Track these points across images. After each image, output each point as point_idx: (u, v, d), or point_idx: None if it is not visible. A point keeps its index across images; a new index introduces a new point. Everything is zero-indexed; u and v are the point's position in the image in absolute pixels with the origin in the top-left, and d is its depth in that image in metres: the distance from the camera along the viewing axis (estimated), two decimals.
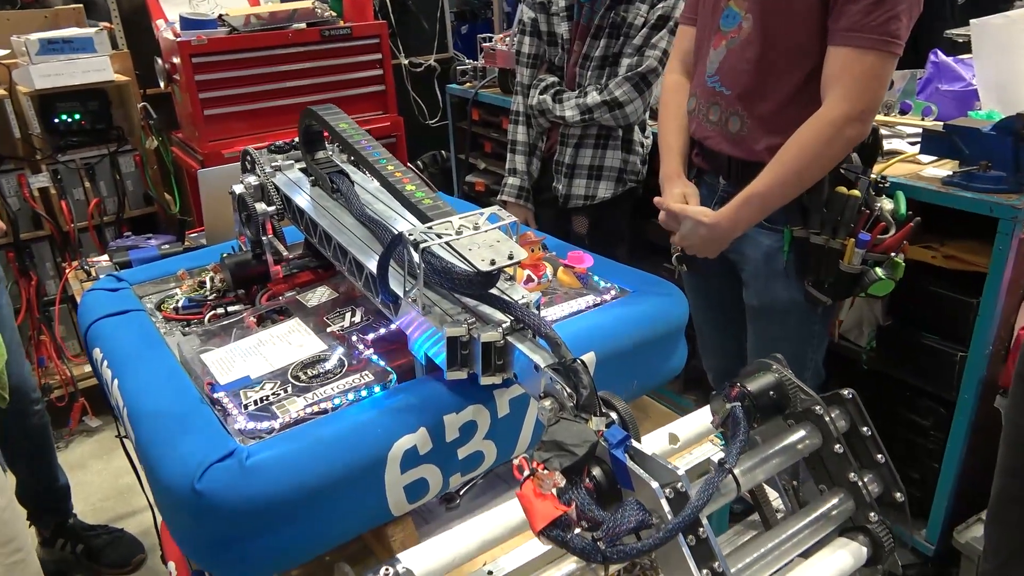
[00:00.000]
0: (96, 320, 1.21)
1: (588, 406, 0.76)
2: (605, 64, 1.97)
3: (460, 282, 0.88)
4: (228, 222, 1.70)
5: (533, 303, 0.93)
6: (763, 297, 1.59)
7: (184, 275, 1.37)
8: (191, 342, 1.13)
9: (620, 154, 2.04)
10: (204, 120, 2.68)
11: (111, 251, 1.83)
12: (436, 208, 0.98)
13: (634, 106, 1.94)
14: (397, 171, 1.06)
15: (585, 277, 1.21)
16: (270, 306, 1.21)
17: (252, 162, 1.33)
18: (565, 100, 2.00)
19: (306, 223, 1.22)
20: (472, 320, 0.89)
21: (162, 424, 0.90)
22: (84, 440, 2.82)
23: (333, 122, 1.18)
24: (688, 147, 1.63)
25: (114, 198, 2.89)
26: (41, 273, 2.81)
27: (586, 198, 2.07)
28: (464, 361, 0.90)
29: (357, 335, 1.06)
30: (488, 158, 3.16)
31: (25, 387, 1.92)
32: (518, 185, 2.19)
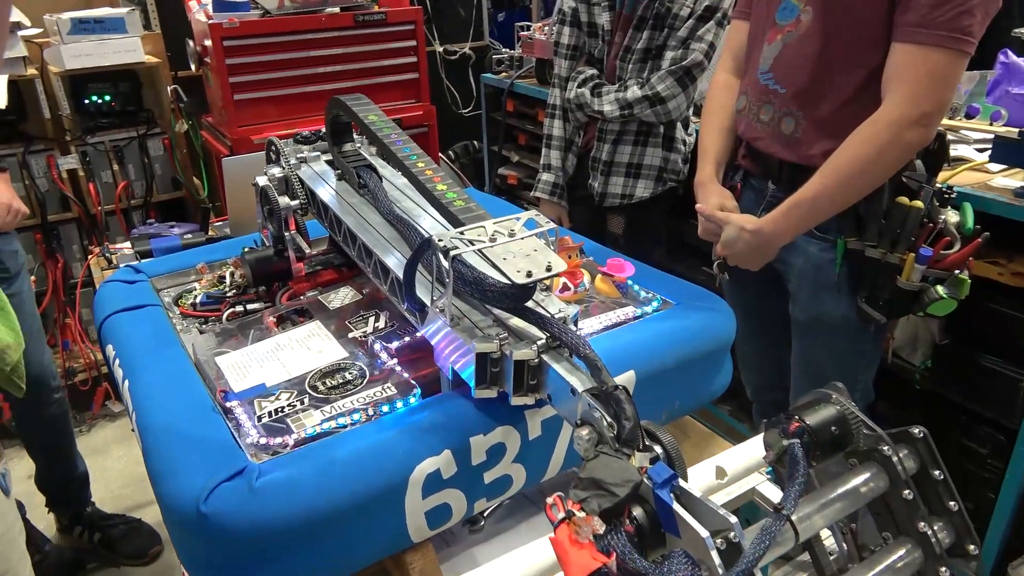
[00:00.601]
0: (111, 315, 1.17)
1: (631, 440, 0.69)
2: (647, 57, 1.88)
3: (492, 294, 0.81)
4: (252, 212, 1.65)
5: (571, 318, 0.86)
6: (810, 311, 1.50)
7: (204, 269, 1.32)
8: (207, 342, 1.08)
9: (660, 152, 1.95)
10: (234, 105, 2.64)
11: (133, 238, 1.79)
12: (468, 211, 0.92)
13: (677, 102, 1.86)
14: (428, 168, 0.99)
15: (625, 286, 1.14)
16: (291, 306, 1.15)
17: (277, 153, 1.27)
18: (604, 94, 1.92)
19: (330, 219, 1.16)
20: (504, 335, 0.83)
21: (170, 434, 0.85)
22: (106, 425, 2.82)
23: (361, 113, 1.11)
24: (728, 151, 1.55)
25: (142, 182, 2.87)
26: (68, 255, 2.80)
27: (623, 197, 1.99)
28: (494, 379, 0.84)
29: (380, 343, 1.00)
30: (522, 151, 3.09)
31: (44, 376, 1.90)
32: (552, 182, 2.12)
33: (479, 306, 0.90)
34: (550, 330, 0.82)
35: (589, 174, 2.03)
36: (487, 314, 0.88)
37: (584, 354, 0.77)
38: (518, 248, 0.83)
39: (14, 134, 2.60)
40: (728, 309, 1.11)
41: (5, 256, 1.79)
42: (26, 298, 1.86)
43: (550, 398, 0.82)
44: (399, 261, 0.98)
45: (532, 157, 3.03)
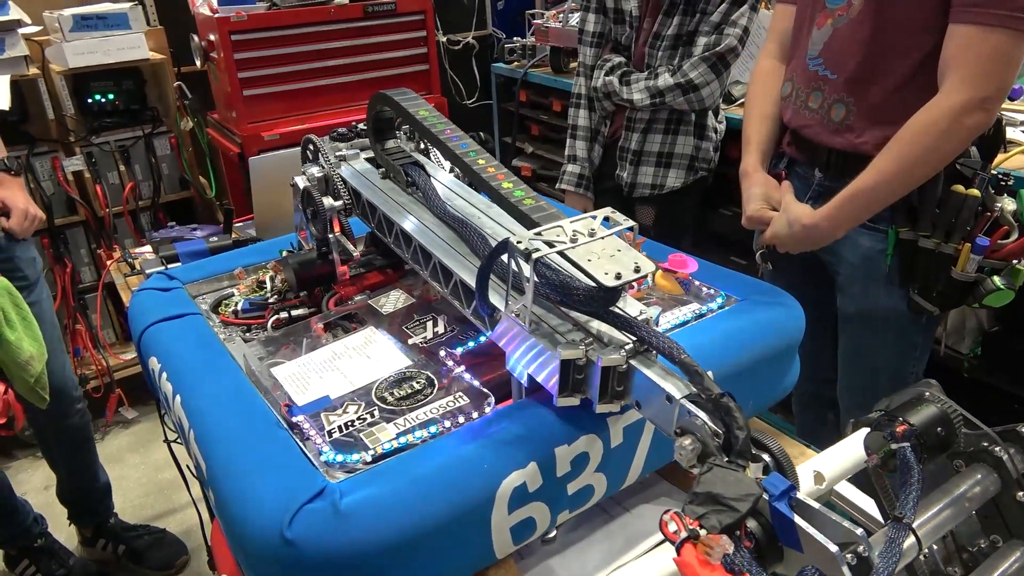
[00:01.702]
0: (150, 325, 1.13)
1: (744, 450, 0.66)
2: (678, 43, 1.85)
3: (580, 298, 0.78)
4: (280, 212, 1.63)
5: (653, 319, 0.83)
6: (860, 304, 1.48)
7: (242, 274, 1.28)
8: (256, 352, 1.04)
9: (692, 140, 1.92)
10: (243, 101, 2.60)
11: (154, 243, 1.75)
12: (541, 210, 0.88)
13: (711, 89, 1.83)
14: (490, 166, 0.96)
15: (687, 283, 1.11)
16: (340, 312, 1.12)
17: (315, 151, 1.23)
18: (633, 82, 1.88)
19: (378, 220, 1.13)
20: (589, 340, 0.80)
21: (239, 453, 0.81)
22: (120, 433, 2.78)
23: (412, 108, 1.07)
24: (772, 140, 1.52)
25: (149, 182, 2.82)
26: (76, 260, 2.75)
27: (653, 187, 1.96)
28: (577, 386, 0.80)
29: (445, 349, 0.97)
30: (536, 141, 3.06)
31: (66, 387, 1.86)
32: (578, 173, 2.09)
33: (555, 309, 0.87)
34: (637, 333, 0.78)
35: (617, 164, 2.00)
36: (564, 318, 0.85)
37: (680, 359, 0.74)
38: (600, 248, 0.80)
39: (17, 136, 2.55)
40: (796, 303, 1.08)
41: (24, 264, 1.75)
42: (46, 306, 1.82)
43: (638, 404, 0.79)
44: (462, 263, 0.95)
45: (546, 148, 3.00)
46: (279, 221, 1.60)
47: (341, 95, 2.75)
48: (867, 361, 1.53)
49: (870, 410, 0.79)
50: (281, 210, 1.57)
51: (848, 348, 1.56)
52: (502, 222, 1.04)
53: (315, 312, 1.17)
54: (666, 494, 1.00)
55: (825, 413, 1.77)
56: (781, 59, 1.54)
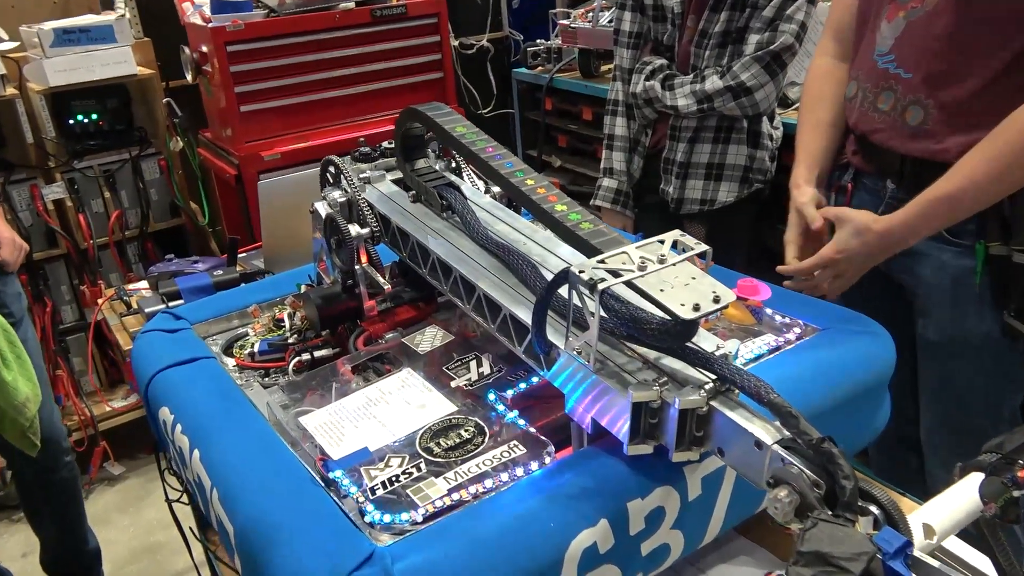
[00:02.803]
0: (159, 371, 1.15)
1: (852, 503, 0.66)
2: (727, 41, 1.86)
3: (653, 333, 0.78)
4: (292, 241, 1.65)
5: (732, 355, 0.83)
6: (946, 329, 1.47)
7: (257, 311, 1.30)
8: (279, 399, 1.05)
9: (745, 149, 1.93)
10: (240, 117, 2.64)
11: (152, 278, 1.77)
12: (600, 234, 0.89)
13: (765, 92, 1.84)
14: (540, 186, 0.97)
15: (760, 311, 1.11)
16: (370, 352, 1.13)
17: (337, 173, 1.25)
18: (678, 86, 1.90)
19: (411, 248, 1.14)
20: (663, 380, 0.80)
21: (271, 514, 0.82)
22: (106, 490, 2.79)
23: (447, 124, 1.09)
24: (829, 150, 1.53)
25: (136, 209, 2.87)
26: (56, 297, 2.79)
27: (703, 202, 1.97)
28: (651, 432, 0.80)
29: (494, 392, 0.97)
30: (563, 154, 3.08)
31: (55, 436, 1.88)
32: (615, 188, 2.10)
33: (620, 346, 0.87)
34: (717, 371, 0.79)
35: (660, 177, 2.01)
36: (632, 355, 0.85)
37: (769, 399, 0.74)
38: (672, 276, 0.80)
39: None
40: (884, 332, 1.08)
41: (9, 299, 1.78)
42: (32, 347, 1.85)
43: (720, 452, 0.79)
44: (511, 295, 0.96)
45: (576, 160, 3.02)
46: (291, 251, 1.61)
47: (347, 108, 2.80)
48: (955, 395, 1.51)
49: (960, 451, 0.79)
50: (293, 238, 1.59)
51: (932, 381, 1.54)
52: (551, 248, 1.05)
53: (341, 353, 1.18)
54: (746, 553, 1.00)
55: (907, 455, 1.75)
56: (840, 57, 1.55)
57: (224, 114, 2.70)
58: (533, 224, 1.13)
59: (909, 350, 1.57)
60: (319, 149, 2.69)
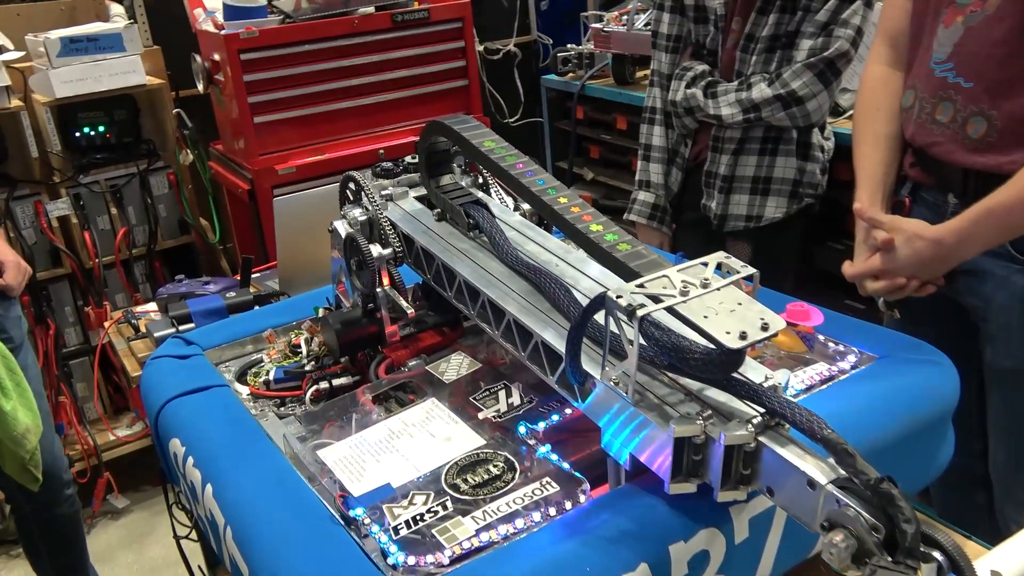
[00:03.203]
0: (170, 400, 1.17)
1: (914, 548, 0.66)
2: (776, 46, 1.86)
3: (696, 363, 0.78)
4: (308, 261, 1.67)
5: (783, 386, 0.83)
6: (1017, 357, 1.45)
7: (272, 336, 1.32)
8: (296, 430, 1.06)
9: (794, 161, 1.93)
10: (253, 129, 2.68)
11: (162, 300, 1.80)
12: (639, 256, 0.90)
13: (818, 102, 1.83)
14: (573, 204, 0.98)
15: (811, 338, 1.10)
16: (393, 380, 1.14)
17: (357, 190, 1.27)
18: (721, 94, 1.90)
19: (436, 270, 1.15)
20: (707, 413, 0.80)
21: (289, 555, 0.83)
22: (109, 525, 2.82)
23: (475, 139, 1.11)
24: (891, 164, 1.52)
25: (144, 226, 2.92)
26: (59, 319, 2.84)
27: (748, 219, 1.97)
28: (694, 469, 0.81)
29: (524, 425, 0.98)
30: (596, 166, 3.10)
31: (56, 469, 1.91)
32: (651, 202, 2.10)
33: (660, 376, 0.87)
34: (766, 404, 0.79)
35: (702, 192, 2.01)
36: (673, 386, 0.85)
37: (823, 435, 0.74)
38: (717, 302, 0.80)
39: None
40: (947, 361, 1.07)
41: (9, 324, 1.82)
42: (32, 374, 1.88)
43: (769, 491, 0.78)
44: (542, 321, 0.96)
45: (610, 173, 3.03)
46: (308, 272, 1.63)
47: (366, 119, 2.83)
48: None
49: None
50: (310, 259, 1.61)
51: (1002, 412, 1.53)
52: (584, 270, 1.05)
53: (361, 381, 1.19)
54: None
55: (973, 494, 1.72)
56: (894, 64, 1.55)
57: (237, 125, 2.74)
58: (566, 244, 1.14)
59: (976, 379, 1.55)
60: (336, 162, 2.73)
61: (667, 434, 0.78)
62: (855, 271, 1.47)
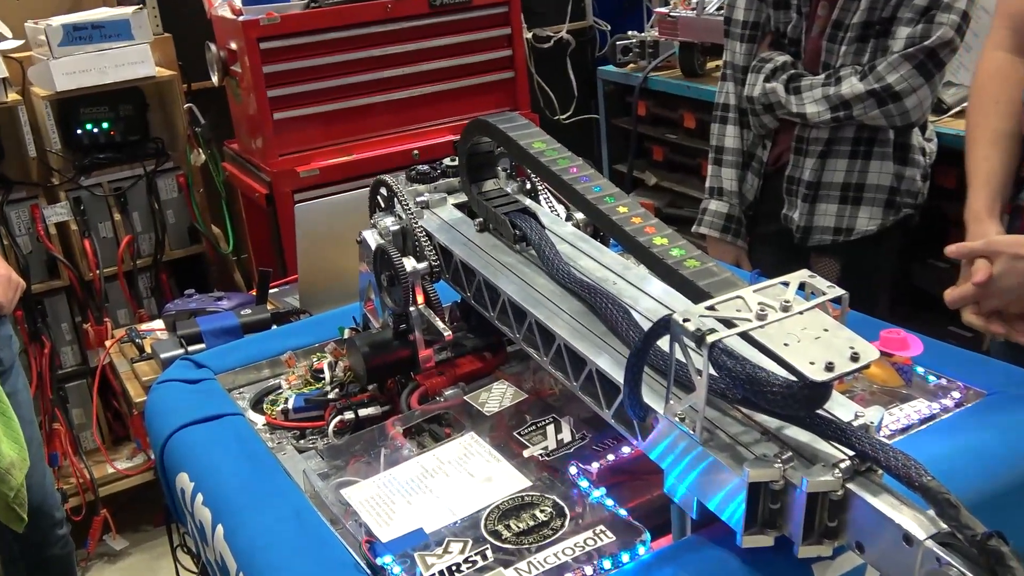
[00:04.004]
0: (178, 429, 1.19)
1: None
2: (869, 34, 1.86)
3: (775, 398, 0.78)
4: (332, 276, 1.69)
5: (875, 426, 0.83)
6: None
7: (292, 360, 1.34)
8: (317, 466, 1.08)
9: (891, 166, 1.91)
10: (273, 126, 2.73)
11: (169, 317, 1.84)
12: (710, 274, 0.90)
13: (917, 97, 1.82)
14: (635, 215, 0.99)
15: (909, 370, 1.10)
16: (427, 412, 1.15)
17: (389, 196, 1.28)
18: (806, 89, 1.89)
19: (477, 288, 1.16)
20: (787, 455, 0.80)
21: None
22: (105, 569, 2.87)
23: (523, 139, 1.12)
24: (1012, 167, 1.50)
25: (150, 234, 2.97)
26: (55, 337, 2.90)
27: (837, 231, 1.95)
28: (771, 519, 0.80)
29: (576, 464, 0.98)
30: (659, 169, 3.10)
31: (47, 506, 1.95)
32: (724, 212, 2.10)
33: (733, 411, 0.87)
34: (856, 446, 0.78)
35: (783, 200, 2.00)
36: (747, 423, 0.85)
37: (922, 483, 0.73)
38: (799, 327, 0.80)
39: None
40: None
41: (0, 343, 1.86)
42: (22, 399, 1.93)
43: (859, 546, 0.78)
44: (597, 346, 0.97)
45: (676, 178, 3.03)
46: (333, 287, 1.66)
47: (399, 116, 2.87)
48: None
49: None
50: (335, 273, 1.63)
51: None
52: (646, 289, 1.06)
53: (391, 412, 1.20)
54: None
55: None
56: (1015, 51, 1.54)
57: (255, 122, 2.79)
58: (625, 259, 1.15)
59: None
60: (365, 164, 2.76)
61: (740, 478, 0.79)
62: (953, 296, 1.43)
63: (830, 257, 1.99)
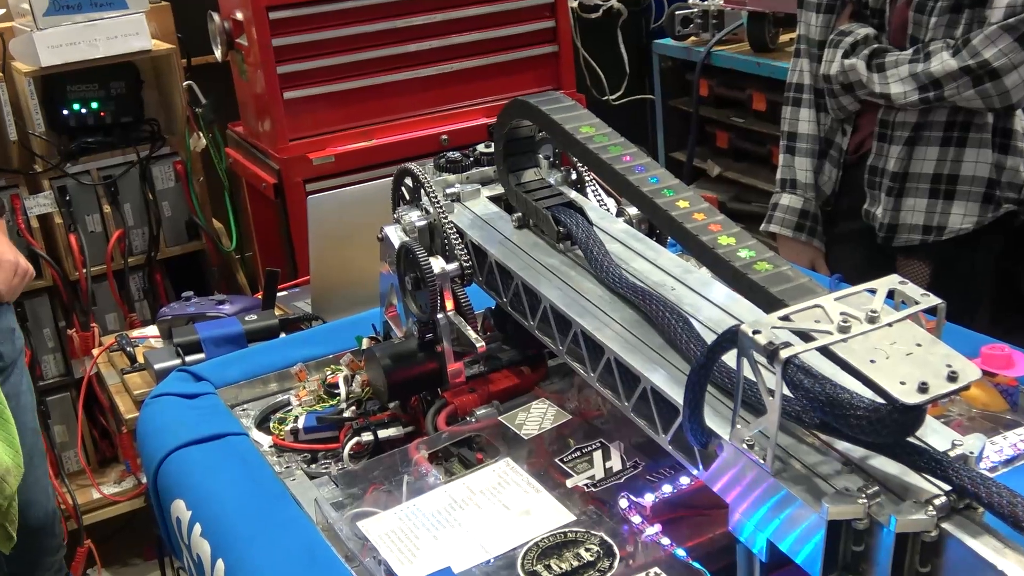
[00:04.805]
0: (174, 451, 1.20)
1: None
2: (962, 4, 1.84)
3: (859, 423, 0.77)
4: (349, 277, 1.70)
5: (976, 457, 0.82)
6: None
7: (303, 373, 1.35)
8: (331, 494, 1.09)
9: (990, 155, 1.90)
10: (283, 106, 2.74)
11: (164, 323, 1.86)
12: (784, 279, 0.89)
13: (1019, 75, 1.80)
14: (697, 210, 0.98)
15: (1014, 392, 1.09)
16: (456, 433, 1.15)
17: (416, 187, 1.29)
18: (891, 66, 1.89)
19: (515, 293, 1.17)
20: (874, 490, 0.79)
21: None
22: None
23: (569, 123, 1.12)
24: None
25: (143, 228, 3.00)
26: (36, 344, 2.93)
27: (927, 230, 1.94)
28: (854, 564, 0.80)
29: (627, 497, 0.98)
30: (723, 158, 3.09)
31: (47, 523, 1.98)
32: (798, 208, 2.10)
33: (808, 438, 0.86)
34: (953, 480, 0.77)
35: (864, 195, 1.99)
36: (826, 452, 0.85)
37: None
38: (888, 342, 0.79)
39: None
40: None
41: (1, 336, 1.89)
42: (25, 402, 1.96)
43: None
44: (651, 361, 0.96)
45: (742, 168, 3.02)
46: (348, 291, 1.66)
47: (425, 96, 2.88)
48: None
49: None
50: (352, 274, 1.64)
51: None
52: (709, 295, 1.06)
53: (415, 434, 1.21)
54: None
55: None
56: None
57: (262, 102, 2.81)
58: (685, 260, 1.14)
59: None
60: (387, 151, 2.77)
61: (818, 515, 0.78)
62: None
63: (919, 260, 1.98)
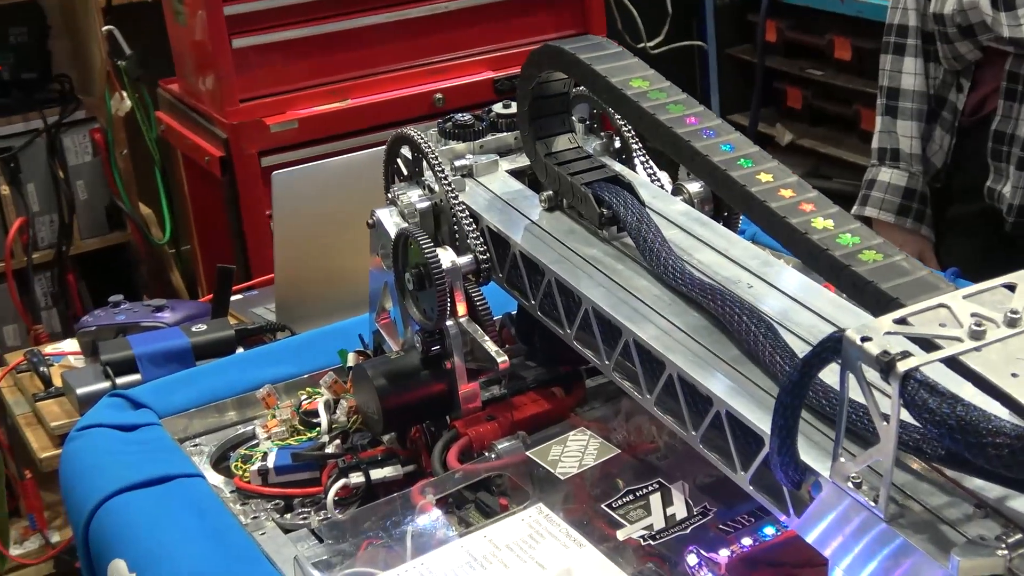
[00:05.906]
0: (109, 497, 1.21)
1: None
2: None
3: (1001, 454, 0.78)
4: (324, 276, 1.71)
5: None
6: None
7: (272, 397, 1.35)
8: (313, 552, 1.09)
9: None
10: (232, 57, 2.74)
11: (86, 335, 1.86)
12: (899, 272, 0.90)
13: None
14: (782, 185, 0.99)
15: None
16: (471, 473, 1.16)
17: (415, 159, 1.30)
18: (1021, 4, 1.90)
19: (546, 293, 1.17)
20: (1016, 539, 0.80)
21: None
22: None
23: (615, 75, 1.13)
24: None
25: (52, 216, 3.00)
26: None
27: None
28: None
29: (695, 551, 0.99)
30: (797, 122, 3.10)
31: None
32: (903, 186, 2.12)
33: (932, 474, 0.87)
34: None
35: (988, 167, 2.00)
36: (956, 491, 0.86)
37: None
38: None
39: None
40: None
41: None
42: None
43: None
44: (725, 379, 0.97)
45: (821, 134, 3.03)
46: (324, 293, 1.67)
47: (415, 43, 2.88)
48: None
49: None
50: (329, 272, 1.64)
51: None
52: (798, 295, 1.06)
53: (417, 473, 1.21)
54: None
55: None
56: None
57: (204, 52, 2.81)
58: (764, 251, 1.15)
59: None
60: (366, 114, 2.78)
61: (946, 571, 0.79)
62: None
63: None
